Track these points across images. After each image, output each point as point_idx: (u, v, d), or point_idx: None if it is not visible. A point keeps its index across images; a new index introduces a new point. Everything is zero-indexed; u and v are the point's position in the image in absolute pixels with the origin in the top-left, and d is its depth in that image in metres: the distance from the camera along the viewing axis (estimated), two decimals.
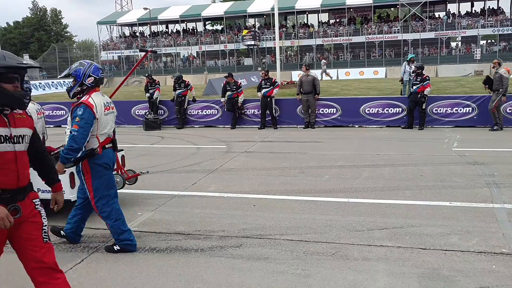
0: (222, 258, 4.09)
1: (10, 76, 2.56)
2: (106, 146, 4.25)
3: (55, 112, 15.66)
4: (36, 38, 67.15)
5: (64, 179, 4.97)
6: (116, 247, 4.29)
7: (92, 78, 4.13)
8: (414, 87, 11.88)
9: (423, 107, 11.81)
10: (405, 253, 4.10)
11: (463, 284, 3.49)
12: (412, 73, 12.44)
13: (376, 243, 4.35)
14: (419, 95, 11.72)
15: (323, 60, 37.58)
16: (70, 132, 3.99)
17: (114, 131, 4.44)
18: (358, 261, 3.96)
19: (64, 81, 39.42)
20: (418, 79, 11.84)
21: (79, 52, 64.09)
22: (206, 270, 3.85)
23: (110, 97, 5.81)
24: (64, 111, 15.59)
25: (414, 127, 12.02)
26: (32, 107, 5.18)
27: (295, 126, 13.33)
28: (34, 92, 32.96)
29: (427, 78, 11.83)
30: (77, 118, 3.97)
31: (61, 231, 4.62)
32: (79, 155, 4.01)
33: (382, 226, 4.80)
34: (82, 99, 4.09)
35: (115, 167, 5.71)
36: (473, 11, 44.80)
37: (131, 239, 4.32)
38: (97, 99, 4.12)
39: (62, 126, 14.13)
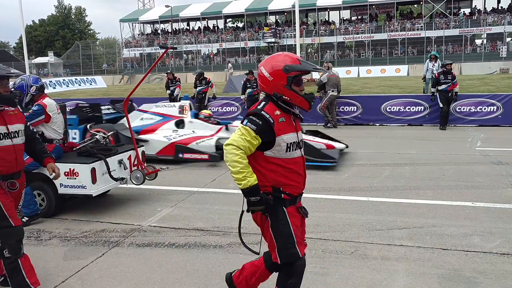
0: (240, 254, 4.10)
1: None
2: None
3: None
4: (60, 36, 68.43)
5: (85, 174, 5.07)
6: None
7: None
8: (445, 86, 11.39)
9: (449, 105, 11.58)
10: (426, 253, 4.05)
11: (485, 286, 3.42)
12: (441, 67, 12.16)
13: (396, 242, 4.30)
14: (449, 94, 11.44)
15: (229, 64, 37.02)
16: None
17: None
18: (377, 260, 3.93)
19: (87, 78, 40.13)
20: (449, 77, 11.38)
21: (101, 50, 65.11)
22: (225, 266, 3.87)
23: (130, 94, 5.93)
24: None
25: (435, 125, 11.80)
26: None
27: (315, 124, 13.26)
28: (57, 89, 33.64)
29: (455, 76, 11.57)
30: None
31: None
32: None
33: (402, 226, 4.74)
34: None
35: (135, 162, 5.79)
36: (500, 8, 43.73)
37: None
38: None
39: None
